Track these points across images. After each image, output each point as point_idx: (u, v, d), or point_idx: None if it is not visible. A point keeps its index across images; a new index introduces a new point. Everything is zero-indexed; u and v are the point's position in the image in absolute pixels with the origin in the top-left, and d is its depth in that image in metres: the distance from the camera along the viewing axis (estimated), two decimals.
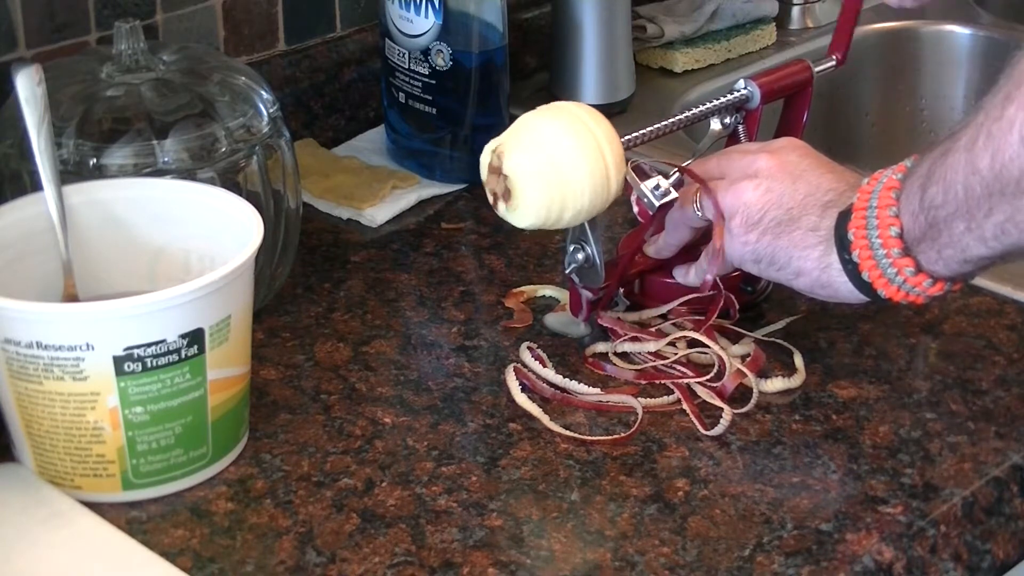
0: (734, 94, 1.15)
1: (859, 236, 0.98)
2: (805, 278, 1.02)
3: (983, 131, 0.89)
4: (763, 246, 1.03)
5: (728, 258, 1.06)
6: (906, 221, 0.96)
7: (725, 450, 1.01)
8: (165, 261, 1.05)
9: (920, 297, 0.98)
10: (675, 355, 1.08)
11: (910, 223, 0.96)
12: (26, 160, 1.03)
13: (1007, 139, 0.87)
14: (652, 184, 1.07)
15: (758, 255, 1.04)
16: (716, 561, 0.92)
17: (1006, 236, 0.91)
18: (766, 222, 1.03)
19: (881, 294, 0.99)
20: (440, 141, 1.34)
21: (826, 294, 1.03)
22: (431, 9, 1.29)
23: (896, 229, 0.96)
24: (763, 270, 1.05)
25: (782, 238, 1.02)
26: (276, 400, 1.06)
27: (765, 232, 1.03)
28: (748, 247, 1.04)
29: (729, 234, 1.05)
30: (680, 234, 1.10)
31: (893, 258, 0.97)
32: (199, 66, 1.11)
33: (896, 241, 0.96)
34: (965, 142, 0.90)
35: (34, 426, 0.95)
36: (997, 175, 0.88)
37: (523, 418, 1.04)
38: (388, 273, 1.22)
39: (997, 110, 0.88)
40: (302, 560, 0.92)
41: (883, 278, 0.98)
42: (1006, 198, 0.89)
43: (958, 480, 0.98)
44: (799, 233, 1.02)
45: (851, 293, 1.01)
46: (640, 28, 1.55)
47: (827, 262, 1.01)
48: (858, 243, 0.98)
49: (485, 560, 0.92)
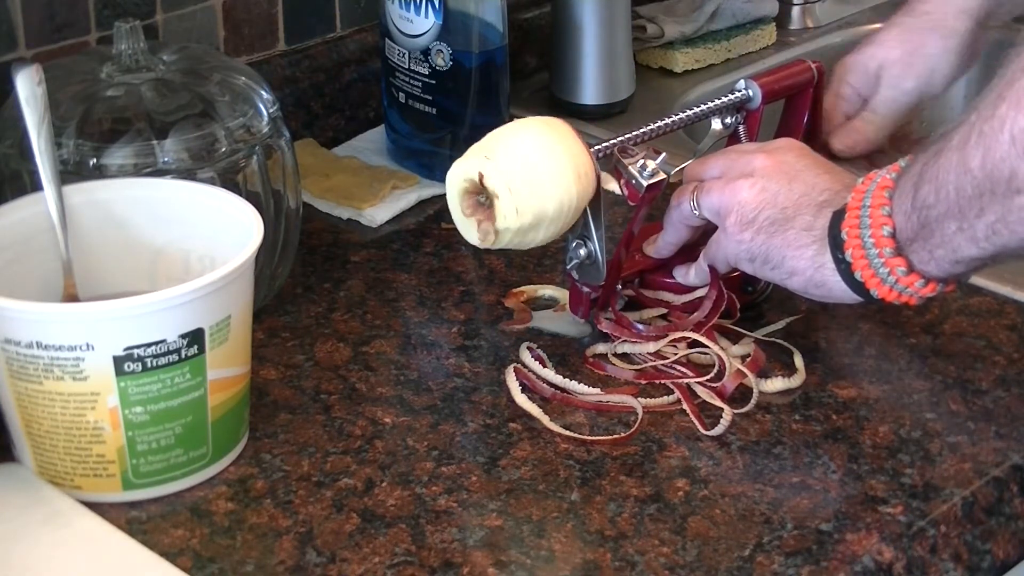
0: (734, 94, 1.15)
1: (852, 235, 0.98)
2: (799, 277, 1.02)
3: (975, 130, 0.89)
4: (757, 245, 1.03)
5: (723, 257, 1.06)
6: (899, 220, 0.96)
7: (725, 450, 1.01)
8: (165, 261, 1.05)
9: (913, 298, 0.99)
10: (675, 355, 1.08)
11: (903, 222, 0.96)
12: (26, 160, 1.03)
13: (998, 138, 0.87)
14: (639, 165, 1.06)
15: (752, 254, 1.04)
16: (716, 561, 0.92)
17: (997, 237, 0.91)
18: (760, 221, 1.03)
19: (874, 294, 0.99)
20: (440, 141, 1.34)
21: (820, 294, 1.03)
22: (431, 9, 1.29)
23: (889, 228, 0.96)
24: (757, 269, 1.05)
25: (776, 237, 1.02)
26: (276, 400, 1.06)
27: (760, 231, 1.03)
28: (743, 246, 1.04)
29: (724, 233, 1.05)
30: (679, 233, 1.10)
31: (885, 258, 0.97)
32: (199, 66, 1.11)
33: (888, 241, 0.96)
34: (957, 141, 0.90)
35: (34, 426, 0.95)
36: (988, 174, 0.88)
37: (523, 418, 1.04)
38: (388, 273, 1.22)
39: (989, 109, 0.88)
40: (302, 560, 0.92)
41: (875, 278, 0.98)
42: (997, 198, 0.89)
43: (958, 480, 0.98)
44: (793, 232, 1.02)
45: (844, 292, 1.01)
46: (640, 28, 1.55)
47: (821, 261, 1.01)
48: (851, 242, 0.98)
49: (485, 560, 0.92)
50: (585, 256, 1.09)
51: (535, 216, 1.02)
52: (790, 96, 1.19)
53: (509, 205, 1.02)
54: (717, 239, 1.07)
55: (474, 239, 1.04)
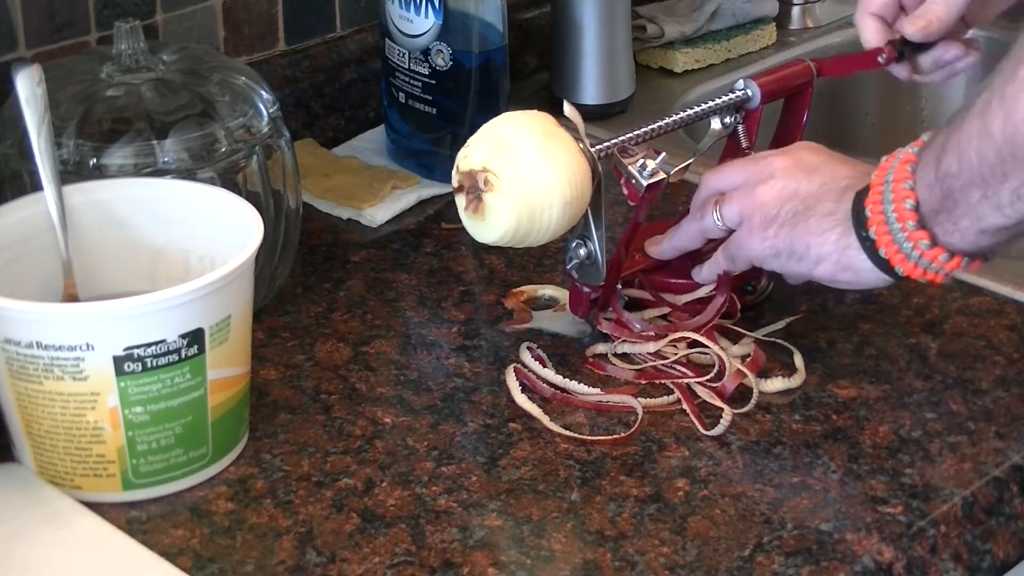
0: (734, 94, 1.15)
1: (875, 212, 0.97)
2: (826, 263, 1.01)
3: (996, 94, 0.87)
4: (781, 239, 1.02)
5: (745, 257, 1.06)
6: (921, 193, 0.95)
7: (725, 450, 1.01)
8: (165, 261, 1.05)
9: (938, 275, 0.97)
10: (675, 355, 1.08)
11: (925, 195, 0.94)
12: (26, 160, 1.03)
13: (1019, 99, 0.86)
14: (639, 165, 1.06)
15: (777, 249, 1.03)
16: (716, 561, 0.92)
17: (1021, 202, 0.89)
18: (783, 216, 1.02)
19: (899, 271, 0.98)
20: (440, 141, 1.34)
21: (848, 279, 1.01)
22: (431, 9, 1.29)
23: (911, 202, 0.95)
24: (784, 264, 1.04)
25: (798, 227, 1.02)
26: (276, 400, 1.06)
27: (783, 225, 1.02)
28: (767, 242, 1.03)
29: (749, 233, 1.04)
30: (693, 243, 1.10)
31: (908, 231, 0.95)
32: (199, 66, 1.11)
33: (911, 214, 0.95)
34: (979, 107, 0.89)
35: (34, 426, 0.95)
36: (1010, 138, 0.87)
37: (523, 418, 1.04)
38: (388, 273, 1.22)
39: (1009, 72, 0.87)
40: (302, 560, 0.92)
41: (900, 253, 0.97)
42: (1019, 162, 0.87)
43: (958, 480, 0.98)
44: (815, 220, 1.01)
45: (872, 273, 0.99)
46: (640, 28, 1.55)
47: (846, 243, 1.00)
48: (874, 219, 0.97)
49: (485, 560, 0.92)
50: (585, 256, 1.09)
51: (503, 235, 1.03)
52: (789, 96, 1.19)
53: (486, 216, 1.02)
54: (739, 240, 1.06)
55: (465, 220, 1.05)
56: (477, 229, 1.04)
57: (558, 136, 1.03)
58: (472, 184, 1.02)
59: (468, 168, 1.02)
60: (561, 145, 1.03)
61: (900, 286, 1.18)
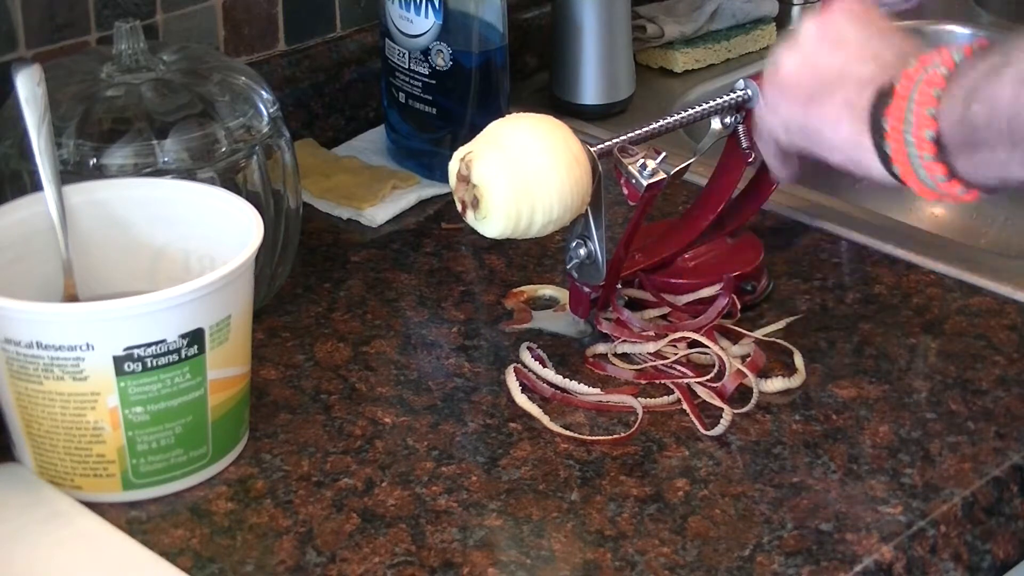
0: (734, 94, 1.15)
1: (895, 129, 0.94)
2: (839, 154, 0.99)
3: None
4: (794, 116, 1.01)
5: (763, 130, 1.04)
6: (944, 127, 0.91)
7: (725, 450, 1.01)
8: (165, 261, 1.05)
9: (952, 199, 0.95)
10: (675, 355, 1.08)
11: (948, 130, 0.91)
12: (26, 160, 1.03)
13: None
14: (639, 165, 1.06)
15: (787, 125, 1.02)
16: (716, 561, 0.92)
17: None
18: (799, 91, 1.00)
19: (913, 190, 0.96)
20: (440, 141, 1.33)
21: (859, 172, 0.99)
22: (431, 9, 1.29)
23: (932, 133, 0.92)
24: (793, 140, 1.02)
25: (813, 109, 0.99)
26: (276, 400, 1.06)
27: (797, 101, 1.00)
28: (778, 116, 1.02)
29: (764, 104, 1.03)
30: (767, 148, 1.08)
31: (925, 162, 0.93)
32: (199, 66, 1.11)
33: (930, 145, 0.92)
34: (1015, 74, 0.86)
35: (34, 426, 0.95)
36: None
37: (523, 418, 1.04)
38: (388, 273, 1.22)
39: None
40: (302, 560, 0.92)
41: (914, 175, 0.94)
42: None
43: (958, 480, 0.98)
44: (833, 107, 0.98)
45: (884, 177, 0.97)
46: (640, 28, 1.55)
47: (859, 141, 0.97)
48: (893, 135, 0.94)
49: (485, 560, 0.92)
50: (585, 256, 1.09)
51: (504, 230, 1.02)
52: None
53: (484, 212, 1.02)
54: (759, 112, 1.05)
55: None
56: (477, 225, 1.04)
57: (556, 127, 1.04)
58: (468, 181, 1.02)
59: (464, 163, 1.02)
60: (559, 134, 1.03)
61: (900, 287, 1.18)
